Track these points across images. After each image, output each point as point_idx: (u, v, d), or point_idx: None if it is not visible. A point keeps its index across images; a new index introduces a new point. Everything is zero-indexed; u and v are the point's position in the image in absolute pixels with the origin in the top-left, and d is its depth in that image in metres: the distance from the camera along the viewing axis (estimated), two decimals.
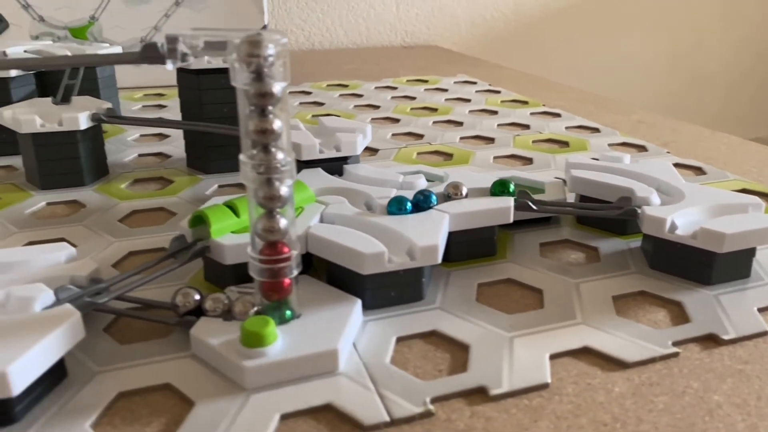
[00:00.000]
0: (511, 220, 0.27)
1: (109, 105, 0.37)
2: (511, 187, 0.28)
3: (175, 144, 0.45)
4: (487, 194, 0.28)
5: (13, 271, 0.24)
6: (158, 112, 0.54)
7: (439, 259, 0.23)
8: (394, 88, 0.65)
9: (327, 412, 0.19)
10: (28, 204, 0.34)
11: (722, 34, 1.21)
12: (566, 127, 0.50)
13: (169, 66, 0.19)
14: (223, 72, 0.37)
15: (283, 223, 0.20)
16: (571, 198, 0.32)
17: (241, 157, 0.20)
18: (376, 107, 0.57)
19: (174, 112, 0.54)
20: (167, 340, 0.22)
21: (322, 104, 0.58)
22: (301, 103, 0.58)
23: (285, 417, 0.19)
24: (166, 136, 0.47)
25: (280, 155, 0.20)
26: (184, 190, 0.36)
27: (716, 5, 1.18)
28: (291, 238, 0.21)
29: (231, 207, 0.25)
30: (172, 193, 0.36)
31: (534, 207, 0.28)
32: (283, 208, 0.20)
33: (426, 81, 0.69)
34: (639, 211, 0.27)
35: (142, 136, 0.47)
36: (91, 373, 0.20)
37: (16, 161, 0.41)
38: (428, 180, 0.31)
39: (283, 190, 0.20)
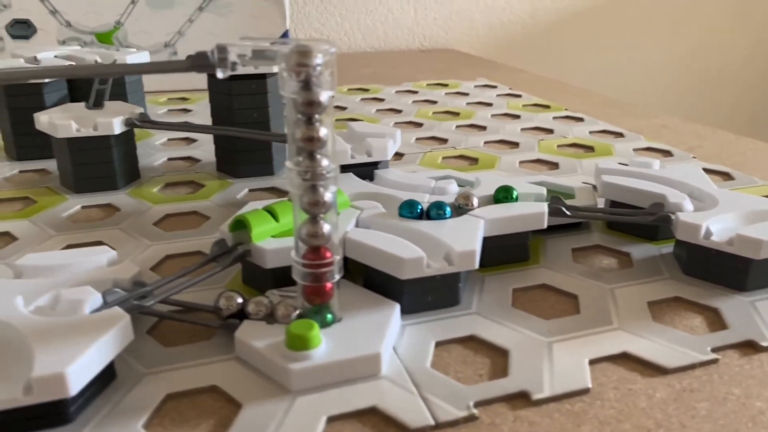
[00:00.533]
0: (545, 225, 0.27)
1: (141, 110, 0.37)
2: (515, 194, 0.28)
3: (203, 148, 0.45)
4: (523, 200, 0.28)
5: (57, 274, 0.24)
6: (184, 116, 0.55)
7: (477, 265, 0.24)
8: (415, 92, 0.65)
9: (372, 415, 0.19)
10: (63, 207, 0.35)
11: (737, 34, 1.20)
12: (590, 132, 0.50)
13: (220, 74, 0.19)
14: (254, 78, 0.38)
15: (326, 228, 0.21)
16: (600, 203, 0.32)
17: (287, 163, 0.20)
18: (398, 111, 0.57)
19: (199, 116, 0.54)
20: (210, 342, 0.22)
21: (344, 108, 0.58)
22: None
23: (331, 419, 0.19)
24: (193, 140, 0.47)
25: (324, 162, 0.20)
26: (215, 194, 0.37)
27: (730, 5, 1.17)
28: (334, 243, 0.21)
29: (270, 212, 0.25)
30: (204, 197, 0.36)
31: (567, 213, 0.28)
32: (326, 214, 0.21)
33: (446, 85, 0.69)
34: (673, 217, 0.27)
35: (170, 139, 0.48)
36: (139, 374, 0.21)
37: (49, 164, 0.41)
38: (459, 185, 0.31)
39: (327, 196, 0.20)
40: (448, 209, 0.26)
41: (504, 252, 0.28)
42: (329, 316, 0.22)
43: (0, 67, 0.42)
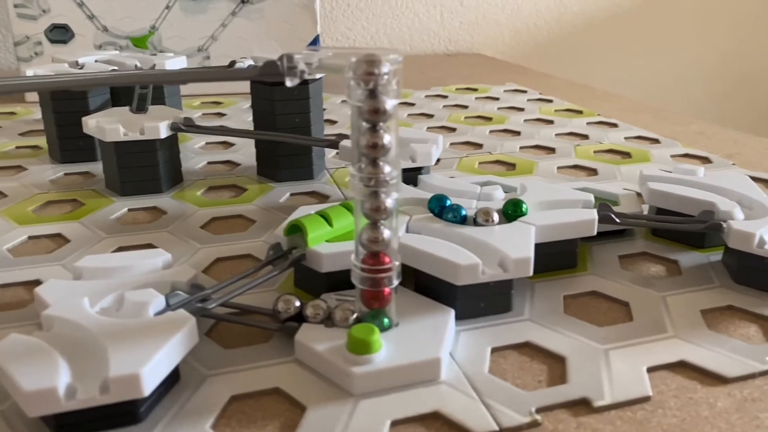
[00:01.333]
0: (595, 232, 0.27)
1: (185, 114, 0.38)
2: (524, 207, 0.27)
3: (242, 152, 0.46)
4: (569, 207, 0.28)
5: (116, 276, 0.25)
6: (219, 120, 0.55)
7: (531, 272, 0.24)
8: (445, 97, 0.66)
9: (435, 419, 0.19)
10: (111, 210, 0.35)
11: (766, 37, 1.19)
12: (625, 138, 0.50)
13: (288, 83, 0.20)
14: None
15: (386, 234, 0.21)
16: (644, 210, 0.32)
17: (351, 169, 0.20)
18: (430, 116, 0.57)
19: (234, 121, 0.55)
20: (268, 345, 0.23)
21: None
22: None
23: (395, 423, 0.19)
24: (231, 144, 0.48)
25: (387, 169, 0.20)
26: (258, 197, 0.37)
27: (758, 8, 1.16)
28: (393, 249, 0.21)
29: (324, 216, 0.25)
30: (248, 201, 0.37)
31: (617, 220, 0.28)
32: (387, 220, 0.21)
33: (475, 89, 0.69)
34: (724, 225, 0.27)
35: (208, 143, 0.48)
36: (202, 376, 0.21)
37: (93, 167, 0.42)
38: (505, 191, 0.31)
39: (389, 202, 0.21)
40: (463, 212, 0.26)
41: (553, 259, 0.28)
42: (386, 320, 0.22)
43: (47, 73, 0.43)
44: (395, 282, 0.21)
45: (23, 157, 0.45)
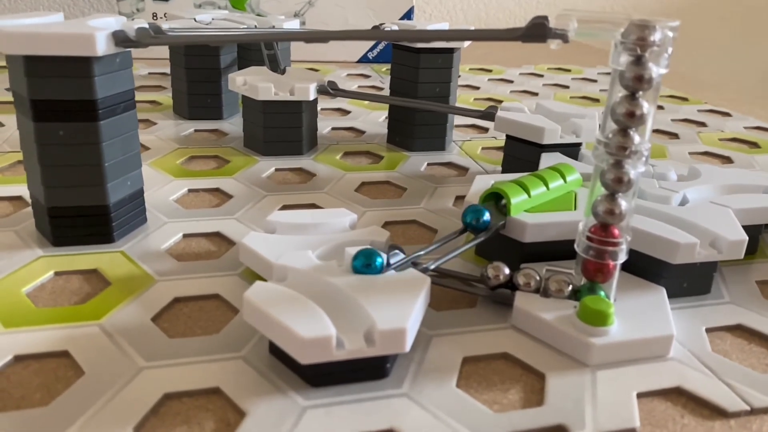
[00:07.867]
0: None
1: (328, 78, 0.38)
2: (379, 261, 0.21)
3: (361, 119, 0.45)
4: (750, 192, 0.28)
5: (309, 232, 0.25)
6: None
7: (743, 254, 0.23)
8: (540, 75, 0.65)
9: (677, 395, 0.19)
10: (258, 168, 0.35)
11: None
12: (744, 127, 0.49)
13: (553, 45, 0.19)
14: (441, 52, 0.37)
15: (624, 206, 0.21)
16: None
17: (598, 136, 0.20)
18: (534, 93, 0.57)
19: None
20: (475, 310, 0.23)
21: (477, 88, 0.58)
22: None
23: (639, 396, 0.19)
24: (347, 112, 0.48)
25: (637, 139, 0.20)
26: (398, 165, 0.37)
27: None
28: (626, 224, 0.21)
29: (521, 185, 0.25)
30: (389, 168, 0.36)
31: None
32: (626, 193, 0.21)
33: (568, 70, 0.68)
34: None
35: (322, 110, 0.48)
36: (426, 336, 0.21)
37: (221, 125, 0.42)
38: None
39: (633, 174, 0.20)
40: (379, 261, 0.20)
41: None
42: (602, 293, 0.22)
43: (180, 27, 0.43)
44: (622, 258, 0.21)
45: (146, 111, 0.45)
